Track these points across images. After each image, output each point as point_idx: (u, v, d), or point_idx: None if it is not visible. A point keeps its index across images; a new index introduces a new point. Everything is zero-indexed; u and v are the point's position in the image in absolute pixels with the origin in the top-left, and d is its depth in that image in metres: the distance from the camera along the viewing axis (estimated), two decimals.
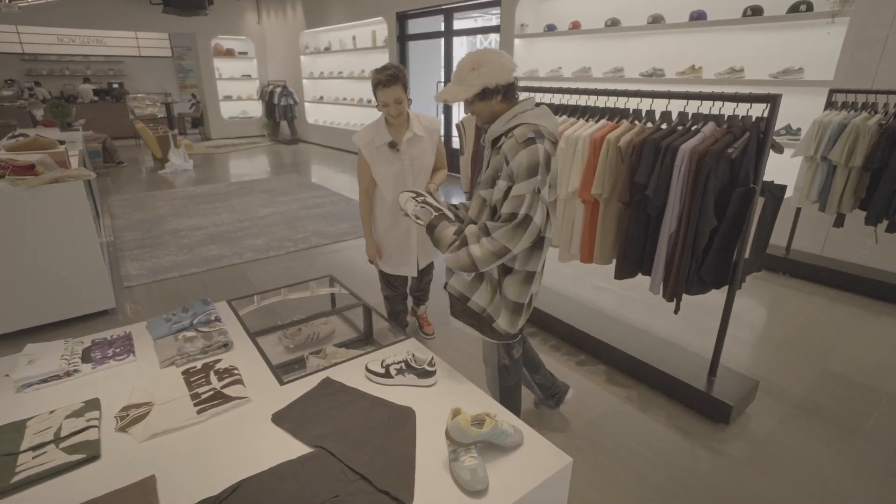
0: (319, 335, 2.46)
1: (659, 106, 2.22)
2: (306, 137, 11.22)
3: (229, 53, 11.69)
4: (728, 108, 2.04)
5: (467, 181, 3.21)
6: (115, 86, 13.00)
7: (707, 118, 2.04)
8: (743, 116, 1.92)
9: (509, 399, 1.90)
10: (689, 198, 1.96)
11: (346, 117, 10.04)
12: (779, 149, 1.94)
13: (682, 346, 2.61)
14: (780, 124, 4.13)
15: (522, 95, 1.65)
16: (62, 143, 3.90)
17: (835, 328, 3.04)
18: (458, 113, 7.56)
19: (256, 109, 12.09)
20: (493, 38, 7.35)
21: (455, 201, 1.85)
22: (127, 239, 4.64)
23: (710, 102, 2.00)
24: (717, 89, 4.34)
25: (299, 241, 4.55)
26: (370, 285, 3.59)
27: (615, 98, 2.41)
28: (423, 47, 7.88)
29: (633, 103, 2.38)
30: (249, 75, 12.07)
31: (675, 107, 2.21)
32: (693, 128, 2.07)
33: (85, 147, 6.08)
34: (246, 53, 11.93)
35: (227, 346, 1.95)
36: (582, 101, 2.57)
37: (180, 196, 6.26)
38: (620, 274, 2.33)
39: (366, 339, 2.49)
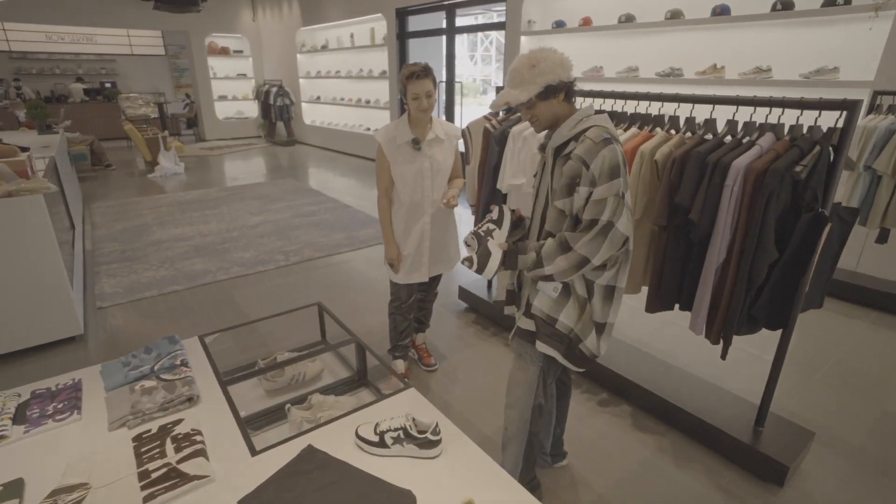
0: (305, 376, 2.15)
1: (701, 113, 1.90)
2: (303, 139, 10.90)
3: (224, 52, 11.36)
4: (761, 115, 1.72)
5: (474, 192, 2.89)
6: (108, 85, 12.67)
7: (763, 128, 1.72)
8: (811, 127, 1.60)
9: (533, 449, 1.67)
10: (743, 224, 1.64)
11: (344, 118, 9.72)
12: (850, 165, 1.62)
13: (718, 385, 2.29)
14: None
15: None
16: (25, 149, 3.57)
17: (885, 359, 2.72)
18: (460, 122, 7.23)
19: (252, 110, 11.76)
20: (496, 36, 7.03)
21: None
22: (106, 251, 4.32)
23: (751, 108, 1.68)
24: (742, 91, 4.03)
25: (291, 254, 4.22)
26: (366, 306, 3.28)
27: (635, 101, 2.09)
28: (424, 45, 7.55)
29: (654, 107, 2.07)
30: (245, 74, 11.74)
31: (700, 113, 1.90)
32: (745, 139, 1.75)
33: (68, 150, 5.77)
34: (241, 52, 11.59)
35: (191, 400, 1.64)
36: (605, 104, 2.25)
37: (167, 202, 5.94)
38: (653, 307, 2.01)
39: (359, 380, 2.18)
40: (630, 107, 2.18)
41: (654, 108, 2.11)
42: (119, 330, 3.01)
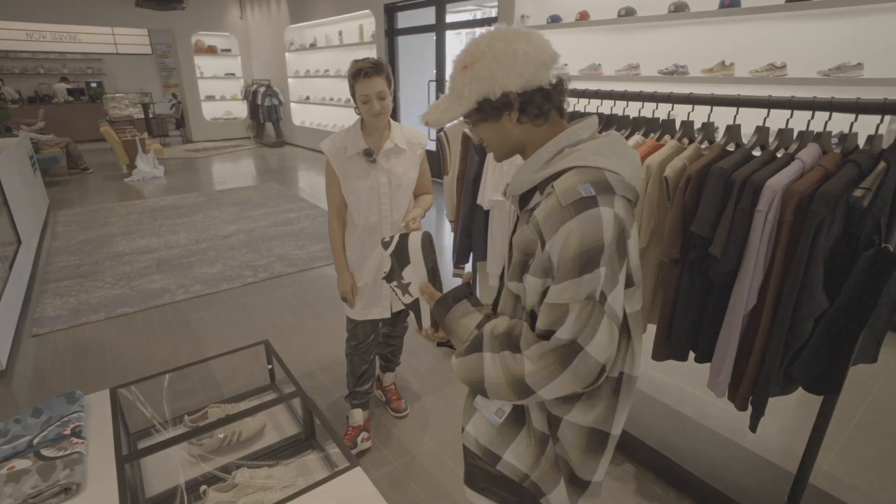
0: (241, 436, 1.78)
1: (720, 118, 1.53)
2: (292, 140, 10.53)
3: (211, 50, 10.99)
4: (796, 120, 1.36)
5: (453, 208, 2.52)
6: (94, 85, 12.30)
7: (804, 137, 1.35)
8: (871, 136, 1.23)
9: None
10: (780, 263, 1.27)
11: (334, 119, 9.35)
12: None
13: (738, 443, 1.92)
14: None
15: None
16: None
17: None
18: None
19: (241, 110, 11.39)
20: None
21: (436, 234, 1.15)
22: (59, 265, 3.95)
23: (787, 113, 1.31)
24: (753, 89, 3.66)
25: (259, 270, 3.86)
26: (337, 332, 2.91)
27: (639, 102, 1.72)
28: (414, 42, 7.19)
29: (662, 110, 1.70)
30: (233, 74, 11.37)
31: (718, 118, 1.54)
32: (780, 152, 1.38)
33: (31, 154, 5.40)
34: (229, 51, 11.22)
35: (68, 491, 1.27)
36: (604, 106, 1.88)
37: (139, 210, 5.57)
38: (661, 354, 1.65)
39: (306, 439, 1.81)
40: (633, 109, 1.81)
41: (661, 111, 1.75)
42: (50, 364, 2.65)
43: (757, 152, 1.44)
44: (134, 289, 3.54)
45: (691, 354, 1.60)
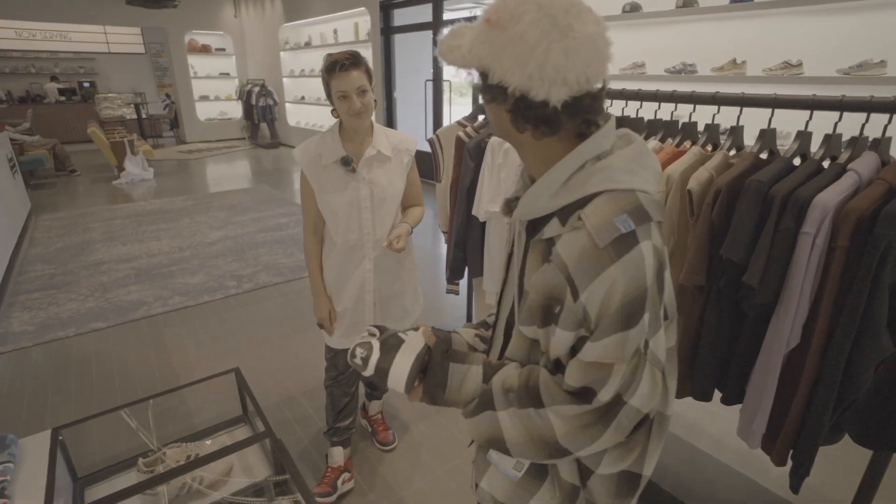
0: (203, 481, 1.57)
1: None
2: (287, 140, 10.32)
3: (205, 49, 10.77)
4: (817, 125, 1.14)
5: (446, 218, 2.31)
6: (86, 85, 12.09)
7: (858, 144, 1.14)
8: None
9: None
10: (832, 295, 1.06)
11: (329, 119, 9.06)
12: None
13: (757, 482, 1.71)
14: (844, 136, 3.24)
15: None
16: None
17: None
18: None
19: (236, 110, 11.17)
20: None
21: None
22: (32, 275, 3.74)
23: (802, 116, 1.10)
24: (767, 89, 3.45)
25: (244, 280, 3.64)
26: (321, 354, 2.70)
27: (654, 103, 1.50)
28: (410, 41, 6.98)
29: (679, 112, 1.49)
30: (228, 73, 11.14)
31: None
32: (826, 161, 1.17)
33: (10, 156, 5.19)
34: (224, 50, 11.01)
35: None
36: (612, 108, 1.67)
37: (123, 214, 5.36)
38: (682, 391, 1.43)
39: (276, 486, 1.59)
40: (647, 111, 1.60)
41: (666, 113, 1.54)
42: (7, 389, 2.43)
43: (797, 162, 1.23)
44: (109, 301, 3.33)
45: (716, 393, 1.39)
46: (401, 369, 0.78)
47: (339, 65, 1.37)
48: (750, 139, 1.37)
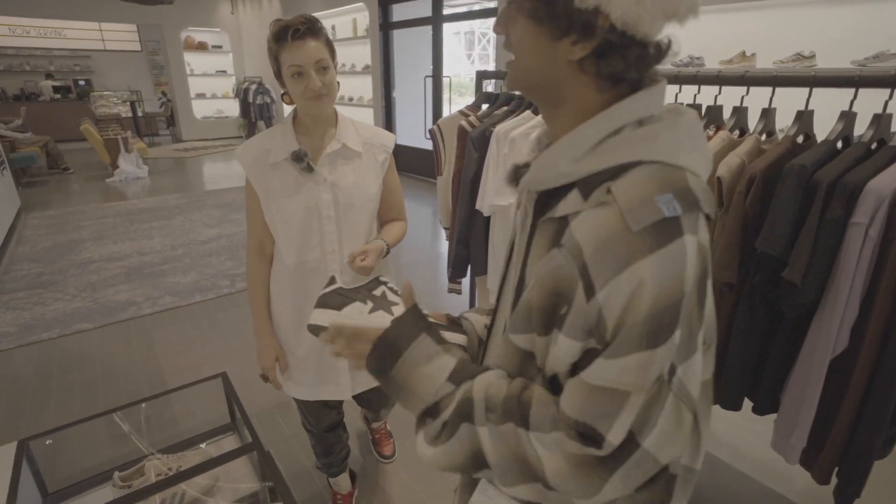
0: (184, 498, 1.44)
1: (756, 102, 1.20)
2: None
3: (202, 47, 10.65)
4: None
5: (448, 213, 2.19)
6: (82, 83, 11.95)
7: None
8: None
9: None
10: (889, 294, 0.94)
11: None
12: None
13: (782, 494, 1.59)
14: (858, 129, 3.13)
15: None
16: None
17: None
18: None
19: (233, 108, 11.05)
20: (493, 36, 6.35)
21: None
22: (18, 274, 3.61)
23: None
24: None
25: (237, 279, 3.52)
26: None
27: (675, 86, 1.38)
28: (410, 36, 6.86)
29: (705, 96, 1.37)
30: (225, 71, 11.02)
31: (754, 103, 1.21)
32: (875, 145, 1.05)
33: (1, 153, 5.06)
34: (220, 47, 10.88)
35: None
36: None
37: (115, 212, 5.23)
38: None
39: (269, 497, 1.47)
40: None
41: (695, 97, 1.42)
42: None
43: (841, 146, 1.11)
44: (97, 301, 3.20)
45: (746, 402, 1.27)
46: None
47: (291, 31, 1.06)
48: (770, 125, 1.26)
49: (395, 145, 1.32)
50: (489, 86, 2.52)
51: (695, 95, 1.43)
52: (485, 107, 2.11)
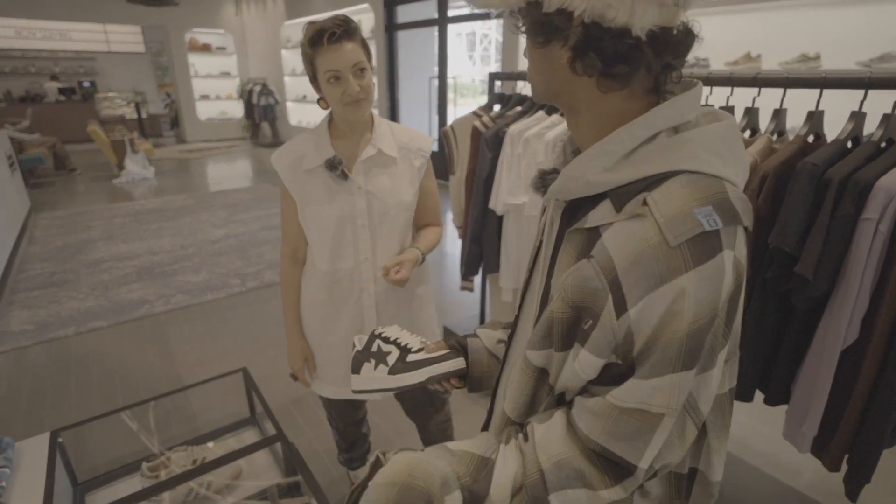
0: (211, 486, 1.48)
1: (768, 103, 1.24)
2: (289, 140, 10.24)
3: (206, 48, 10.69)
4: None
5: (461, 212, 2.23)
6: (86, 84, 12.01)
7: None
8: None
9: None
10: None
11: None
12: None
13: (791, 487, 1.63)
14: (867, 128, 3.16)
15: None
16: None
17: None
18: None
19: (237, 110, 11.10)
20: (495, 36, 6.38)
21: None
22: (31, 273, 3.66)
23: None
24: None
25: (248, 278, 3.56)
26: None
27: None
28: (414, 38, 6.91)
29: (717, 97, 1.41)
30: (229, 73, 11.07)
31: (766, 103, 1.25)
32: (884, 144, 1.09)
33: (8, 155, 5.11)
34: (224, 49, 10.93)
35: None
36: None
37: (123, 213, 5.28)
38: None
39: (289, 490, 1.51)
40: None
41: (707, 98, 1.46)
42: (4, 391, 2.34)
43: (852, 145, 1.15)
44: (110, 300, 3.24)
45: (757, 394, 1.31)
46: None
47: (327, 35, 1.03)
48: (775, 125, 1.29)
49: None
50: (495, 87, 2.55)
51: (706, 97, 1.47)
52: (497, 108, 2.15)
